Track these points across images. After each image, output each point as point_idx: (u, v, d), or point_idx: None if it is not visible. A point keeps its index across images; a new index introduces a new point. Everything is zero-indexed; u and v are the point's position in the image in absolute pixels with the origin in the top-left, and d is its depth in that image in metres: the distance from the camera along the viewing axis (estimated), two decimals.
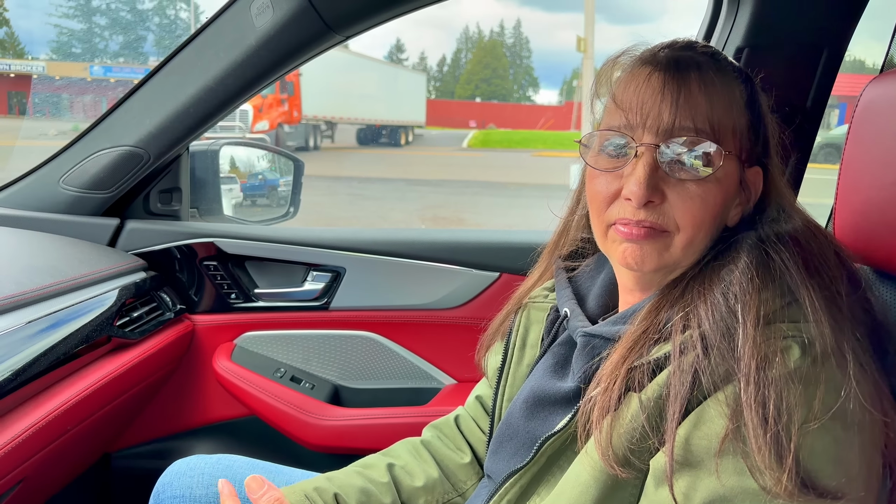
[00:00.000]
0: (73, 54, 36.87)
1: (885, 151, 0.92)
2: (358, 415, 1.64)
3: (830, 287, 0.72)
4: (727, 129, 0.78)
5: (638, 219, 0.77)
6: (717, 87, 0.77)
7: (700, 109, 0.76)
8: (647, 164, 0.76)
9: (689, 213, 0.76)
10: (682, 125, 0.76)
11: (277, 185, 2.30)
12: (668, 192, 0.77)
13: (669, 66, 0.78)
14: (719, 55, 0.83)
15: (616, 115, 0.80)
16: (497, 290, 1.66)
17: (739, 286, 0.71)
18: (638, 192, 0.76)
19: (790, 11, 1.33)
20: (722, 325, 0.69)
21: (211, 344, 1.72)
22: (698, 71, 0.78)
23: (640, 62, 0.81)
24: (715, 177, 0.76)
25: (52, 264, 1.38)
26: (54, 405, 1.19)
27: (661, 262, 0.79)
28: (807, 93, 1.35)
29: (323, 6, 1.32)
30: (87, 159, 1.59)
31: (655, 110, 0.77)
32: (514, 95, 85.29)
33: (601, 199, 0.81)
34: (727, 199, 0.79)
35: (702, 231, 0.78)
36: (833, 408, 0.64)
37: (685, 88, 0.76)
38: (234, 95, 1.48)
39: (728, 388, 0.66)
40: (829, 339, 0.67)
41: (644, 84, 0.78)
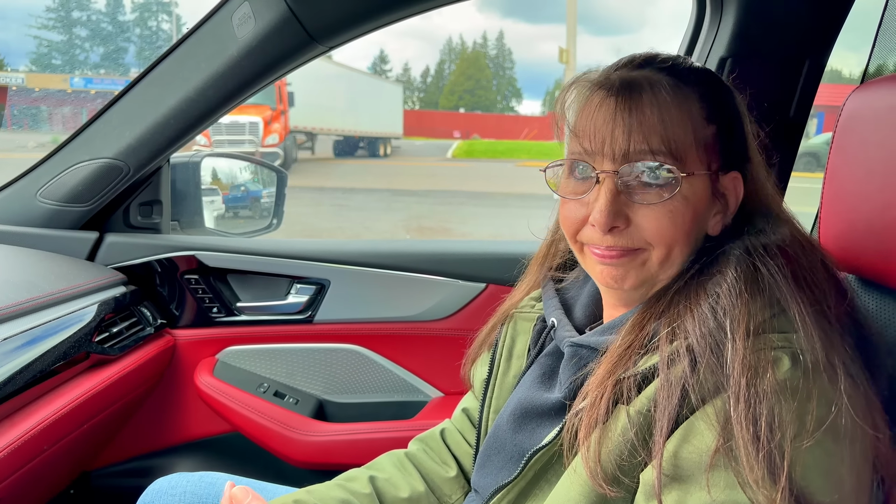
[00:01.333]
0: (52, 66, 36.56)
1: (868, 160, 0.93)
2: (343, 430, 1.62)
3: (819, 299, 0.72)
4: (686, 145, 0.77)
5: (606, 244, 0.78)
6: (670, 105, 0.77)
7: (654, 131, 0.76)
8: (608, 191, 0.76)
9: (656, 232, 0.77)
10: (638, 149, 0.76)
11: (260, 197, 2.27)
12: (633, 215, 0.77)
13: (622, 88, 0.78)
14: (679, 67, 0.82)
15: (576, 142, 0.81)
16: (483, 301, 1.65)
17: (727, 299, 0.71)
18: (601, 220, 0.76)
19: (772, 22, 1.34)
20: (710, 340, 0.68)
21: (192, 359, 1.69)
22: (651, 91, 0.77)
23: (594, 86, 0.81)
24: (681, 195, 0.76)
25: (28, 279, 1.35)
26: (30, 424, 1.16)
27: (641, 277, 0.79)
28: (790, 103, 1.36)
29: (306, 17, 1.31)
30: (66, 172, 1.56)
31: (610, 137, 0.76)
32: (498, 106, 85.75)
33: (570, 224, 0.83)
34: (697, 212, 0.78)
35: (676, 247, 0.78)
36: (825, 422, 0.63)
37: (637, 112, 0.76)
38: (215, 107, 1.46)
39: (717, 401, 0.66)
40: (819, 352, 0.66)
41: (597, 110, 0.78)
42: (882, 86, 0.95)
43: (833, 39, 1.33)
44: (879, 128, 0.92)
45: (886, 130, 0.90)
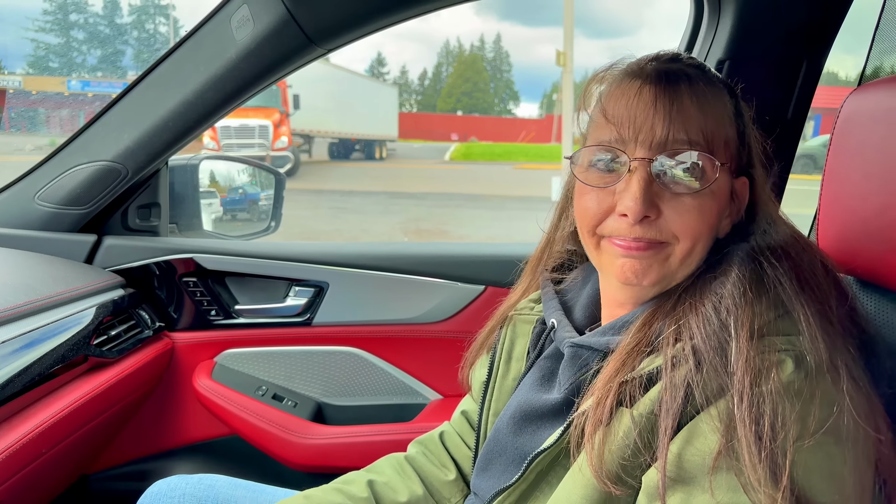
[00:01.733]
0: (50, 68, 36.54)
1: (866, 162, 0.93)
2: (342, 433, 1.62)
3: (822, 300, 0.72)
4: (720, 140, 0.77)
5: (634, 236, 0.76)
6: (708, 98, 0.77)
7: (693, 121, 0.75)
8: (641, 179, 0.74)
9: (686, 225, 0.75)
10: (676, 138, 0.75)
11: (258, 200, 2.27)
12: (664, 206, 0.76)
13: (660, 78, 0.77)
14: (705, 67, 0.83)
15: (606, 129, 0.79)
16: (482, 304, 1.65)
17: (732, 299, 0.71)
18: (634, 208, 0.74)
19: (770, 24, 1.34)
20: (714, 340, 0.68)
21: (191, 362, 1.69)
22: (689, 83, 0.77)
23: (628, 75, 0.80)
24: (710, 189, 0.76)
25: (26, 282, 1.35)
26: (28, 427, 1.15)
27: (661, 273, 0.77)
28: (787, 104, 1.36)
29: (305, 19, 1.31)
30: (64, 175, 1.55)
31: (648, 124, 0.75)
32: (496, 109, 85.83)
33: (592, 216, 0.79)
34: (721, 210, 0.79)
35: (699, 243, 0.77)
36: (827, 423, 0.63)
37: (677, 101, 0.75)
38: (213, 109, 1.46)
39: (721, 402, 0.66)
40: (822, 354, 0.66)
41: (635, 98, 0.77)
42: (879, 88, 0.95)
43: (831, 41, 1.34)
44: (877, 130, 0.92)
45: (884, 132, 0.91)
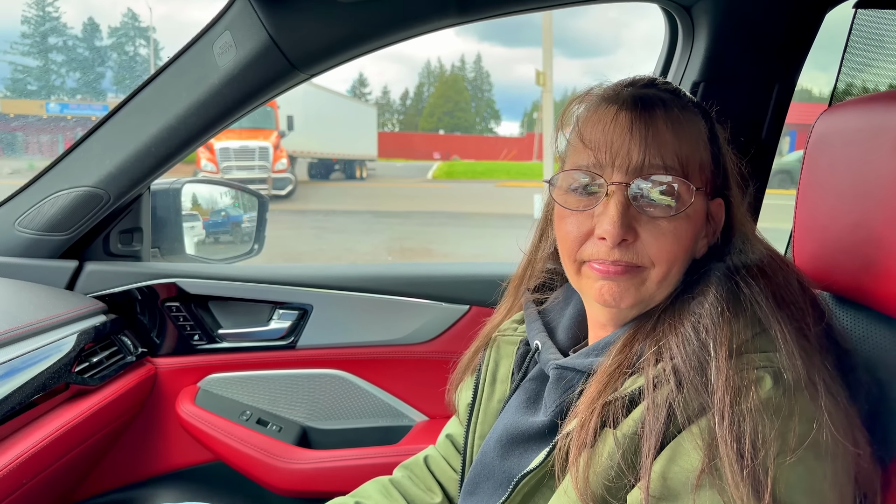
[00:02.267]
0: (28, 91, 36.24)
1: (839, 181, 0.95)
2: (327, 457, 1.61)
3: (798, 317, 0.74)
4: (694, 163, 0.79)
5: (613, 258, 0.77)
6: (682, 123, 0.79)
7: (668, 146, 0.77)
8: (619, 203, 0.76)
9: (662, 249, 0.77)
10: (652, 163, 0.76)
11: (241, 222, 2.27)
12: (641, 229, 0.77)
13: (636, 104, 0.79)
14: (681, 92, 0.85)
15: (584, 154, 0.80)
16: (467, 324, 1.65)
17: (710, 318, 0.72)
18: (612, 232, 0.75)
19: (743, 47, 1.38)
20: (694, 359, 0.70)
21: (174, 388, 1.67)
22: (664, 108, 0.78)
23: (604, 100, 0.82)
24: (686, 213, 0.77)
25: (6, 310, 1.34)
26: (8, 458, 1.14)
27: (638, 297, 0.79)
28: (761, 124, 1.40)
29: (287, 45, 1.32)
30: (45, 201, 1.55)
31: (625, 149, 0.77)
32: (477, 127, 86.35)
33: (572, 239, 0.81)
34: (697, 232, 0.80)
35: (675, 266, 0.78)
36: (807, 439, 0.64)
37: (653, 126, 0.77)
38: (196, 134, 1.46)
39: (702, 421, 0.67)
40: (800, 370, 0.68)
41: (611, 123, 0.78)
42: (849, 109, 0.98)
43: (801, 62, 1.37)
44: (847, 150, 0.94)
45: (854, 152, 0.93)
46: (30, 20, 46.64)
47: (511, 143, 56.72)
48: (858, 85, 1.31)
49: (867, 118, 0.93)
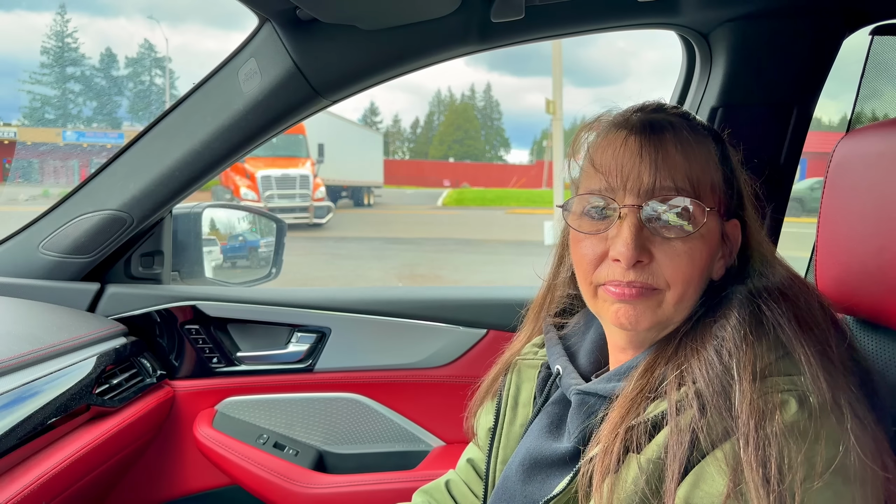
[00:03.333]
0: (45, 120, 36.88)
1: (861, 204, 0.96)
2: (344, 482, 1.59)
3: (821, 340, 0.73)
4: (706, 185, 0.80)
5: (628, 280, 0.78)
6: (692, 145, 0.80)
7: (678, 168, 0.78)
8: (632, 225, 0.77)
9: (677, 270, 0.77)
10: (663, 185, 0.77)
11: (258, 247, 2.29)
12: (655, 251, 0.78)
13: (644, 128, 0.80)
14: (690, 115, 0.86)
15: (595, 178, 0.82)
16: (485, 348, 1.65)
17: (733, 342, 0.72)
18: (626, 254, 0.76)
19: (760, 72, 1.39)
20: (717, 383, 0.69)
21: (192, 410, 1.67)
22: (673, 131, 0.80)
23: (614, 126, 0.83)
24: (699, 233, 0.78)
25: (29, 331, 1.35)
26: (29, 479, 1.14)
27: (655, 319, 0.79)
28: (780, 149, 1.40)
29: (311, 72, 1.35)
30: (69, 224, 1.57)
31: (635, 172, 0.78)
32: (487, 155, 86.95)
33: (588, 262, 0.82)
34: (712, 253, 0.80)
35: (691, 286, 0.78)
36: (834, 463, 0.64)
37: (662, 149, 0.78)
38: (220, 159, 1.49)
39: (726, 445, 0.66)
40: (825, 393, 0.67)
41: (622, 147, 0.80)
42: (869, 133, 0.98)
43: (819, 87, 1.39)
44: (869, 173, 0.95)
45: (876, 176, 0.94)
46: (49, 51, 47.72)
47: (521, 170, 56.99)
48: (868, 113, 1.32)
49: (889, 142, 0.94)
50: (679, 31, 1.48)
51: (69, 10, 61.20)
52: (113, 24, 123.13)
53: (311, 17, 1.27)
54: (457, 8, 1.23)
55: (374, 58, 1.35)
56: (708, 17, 1.40)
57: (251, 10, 1.28)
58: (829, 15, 1.34)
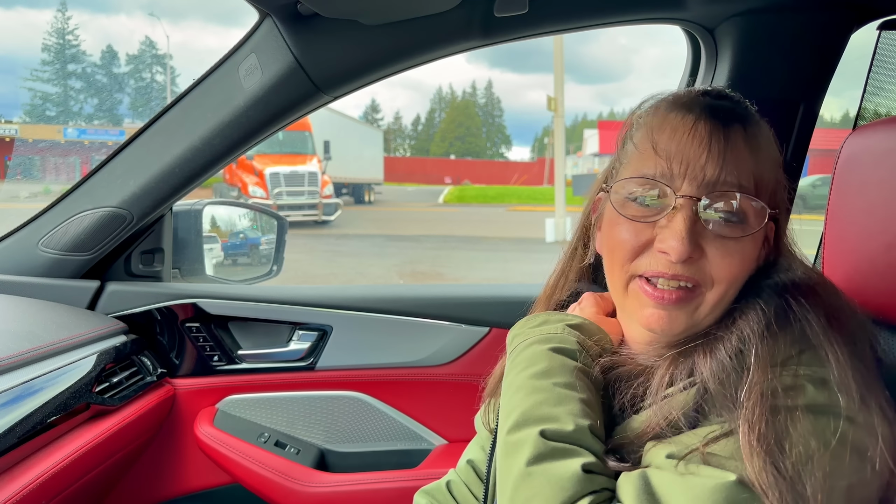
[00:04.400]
0: (46, 117, 36.88)
1: (869, 201, 0.95)
2: (346, 480, 1.59)
3: (852, 340, 0.71)
4: (769, 184, 0.76)
5: (674, 272, 0.73)
6: (760, 141, 0.76)
7: (745, 165, 0.74)
8: (687, 218, 0.72)
9: (727, 269, 0.74)
10: (727, 180, 0.73)
11: (259, 244, 2.28)
12: (707, 247, 0.74)
13: (715, 115, 0.75)
14: (753, 109, 0.81)
15: (652, 161, 0.76)
16: (487, 346, 1.64)
17: (752, 333, 0.70)
18: (679, 248, 0.72)
19: (767, 68, 1.38)
20: (724, 376, 0.69)
21: (192, 409, 1.66)
22: (742, 124, 0.75)
23: (679, 107, 0.78)
24: (753, 234, 0.75)
25: (29, 329, 1.34)
26: (29, 479, 1.13)
27: (689, 324, 0.76)
28: (787, 146, 1.39)
29: (312, 68, 1.33)
30: (68, 221, 1.56)
31: (700, 162, 0.73)
32: (488, 152, 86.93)
33: (628, 249, 0.77)
34: (758, 254, 0.78)
35: (733, 287, 0.75)
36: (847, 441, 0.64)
37: (731, 142, 0.74)
38: (220, 155, 1.47)
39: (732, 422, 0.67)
40: (854, 393, 0.66)
41: (689, 133, 0.74)
42: (878, 129, 0.97)
43: (826, 84, 1.37)
44: (878, 170, 0.94)
45: (885, 173, 0.93)
46: (50, 48, 47.71)
47: (522, 167, 56.97)
48: (871, 109, 1.30)
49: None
50: (684, 25, 1.46)
51: (70, 6, 61.22)
52: (114, 21, 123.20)
53: (313, 12, 1.26)
54: (460, 2, 1.22)
55: (375, 53, 1.34)
56: (714, 12, 1.38)
57: (252, 5, 1.26)
58: (836, 9, 1.32)
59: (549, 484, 0.67)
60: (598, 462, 0.70)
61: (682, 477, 0.63)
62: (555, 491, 0.66)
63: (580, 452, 0.70)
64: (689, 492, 0.62)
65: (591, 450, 0.70)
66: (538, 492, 0.67)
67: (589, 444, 0.71)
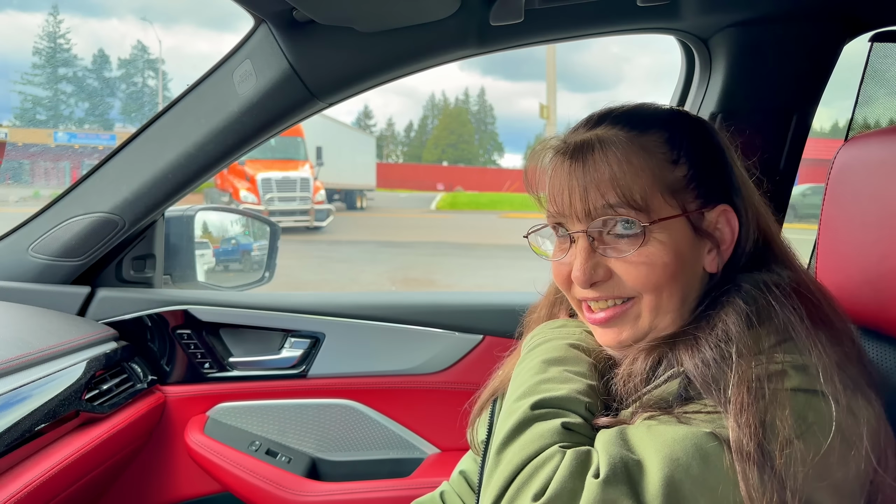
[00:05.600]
0: (36, 121, 36.69)
1: (863, 212, 0.95)
2: (337, 489, 1.57)
3: (839, 338, 0.72)
4: (649, 192, 0.78)
5: (595, 295, 0.80)
6: (623, 158, 0.78)
7: (608, 185, 0.77)
8: (582, 249, 0.79)
9: (639, 280, 0.78)
10: (596, 205, 0.78)
11: (251, 250, 2.27)
12: (613, 266, 0.79)
13: (574, 151, 0.81)
14: (636, 115, 0.83)
15: (549, 204, 0.84)
16: (481, 354, 1.63)
17: (733, 331, 0.72)
18: (580, 277, 0.79)
19: (761, 78, 1.39)
20: (707, 372, 0.70)
21: (183, 416, 1.65)
22: (601, 147, 0.79)
23: (553, 152, 0.84)
24: (655, 241, 0.77)
25: (18, 336, 1.32)
26: (18, 486, 1.11)
27: (636, 330, 0.80)
28: (779, 156, 1.39)
29: (307, 74, 1.33)
30: (59, 226, 1.54)
31: (569, 199, 0.79)
32: (480, 159, 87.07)
33: (561, 282, 0.85)
34: (680, 254, 0.78)
35: (664, 291, 0.78)
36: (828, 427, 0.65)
37: (590, 170, 0.78)
38: (214, 161, 1.47)
39: None
40: (838, 384, 0.67)
41: (555, 175, 0.82)
42: (871, 140, 0.98)
43: (819, 94, 1.38)
44: (871, 181, 0.94)
45: (879, 183, 0.93)
46: (41, 51, 47.51)
47: (514, 174, 57.06)
48: (860, 119, 1.31)
49: (891, 149, 0.93)
50: (679, 36, 1.47)
51: (61, 10, 61.01)
52: (105, 25, 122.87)
53: (308, 19, 1.26)
54: (455, 10, 1.22)
55: (371, 60, 1.34)
56: (708, 23, 1.39)
57: (247, 11, 1.26)
58: (829, 21, 1.33)
59: (532, 436, 0.72)
60: (583, 424, 0.74)
61: (654, 427, 0.68)
62: (533, 440, 0.71)
63: (566, 414, 0.74)
64: (658, 438, 0.66)
65: (579, 414, 0.75)
66: (522, 446, 0.71)
67: (579, 411, 0.75)
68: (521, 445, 0.71)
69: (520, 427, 0.73)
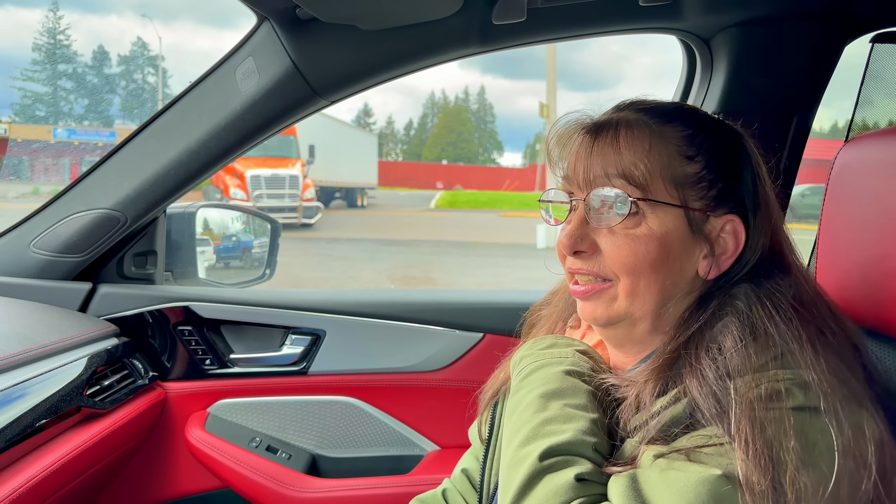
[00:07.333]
0: (36, 117, 36.64)
1: (863, 212, 0.95)
2: (337, 486, 1.58)
3: (837, 352, 0.72)
4: (652, 175, 0.78)
5: (578, 267, 0.82)
6: (635, 137, 0.80)
7: (611, 159, 0.80)
8: (577, 216, 0.82)
9: (618, 260, 0.79)
10: (596, 175, 0.80)
11: (252, 247, 2.27)
12: (600, 241, 0.81)
13: (593, 127, 0.84)
14: (660, 108, 0.84)
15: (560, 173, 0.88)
16: (481, 351, 1.64)
17: (731, 350, 0.71)
18: (564, 242, 0.82)
19: (762, 79, 1.39)
20: (710, 396, 0.69)
21: (184, 413, 1.65)
22: (616, 127, 0.81)
23: (575, 126, 0.87)
24: (647, 226, 0.77)
25: (19, 331, 1.33)
26: (19, 482, 1.12)
27: (610, 312, 0.81)
28: (780, 156, 1.40)
29: (309, 72, 1.33)
30: (61, 222, 1.55)
31: (574, 166, 0.83)
32: (480, 158, 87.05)
33: (559, 250, 0.86)
34: (668, 248, 0.78)
35: (641, 279, 0.78)
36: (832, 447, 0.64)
37: (599, 143, 0.81)
38: (216, 158, 1.47)
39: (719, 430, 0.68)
40: (840, 400, 0.66)
41: (568, 144, 0.86)
42: (871, 141, 0.98)
43: (820, 95, 1.38)
44: (871, 181, 0.95)
45: (879, 183, 0.93)
46: (41, 47, 47.46)
47: (514, 173, 57.12)
48: (858, 120, 1.31)
49: (891, 150, 0.94)
50: (680, 35, 1.47)
51: (61, 6, 60.94)
52: (105, 22, 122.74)
53: (311, 17, 1.26)
54: (458, 9, 1.22)
55: (374, 59, 1.34)
56: (710, 23, 1.39)
57: (250, 9, 1.26)
58: (830, 22, 1.34)
59: (546, 492, 0.69)
60: (594, 470, 0.71)
61: (666, 473, 0.66)
62: (548, 497, 0.69)
63: (577, 461, 0.72)
64: (672, 486, 0.64)
65: (588, 458, 0.72)
66: (535, 502, 0.70)
67: (588, 455, 0.73)
68: (536, 503, 0.69)
69: (531, 482, 0.71)
